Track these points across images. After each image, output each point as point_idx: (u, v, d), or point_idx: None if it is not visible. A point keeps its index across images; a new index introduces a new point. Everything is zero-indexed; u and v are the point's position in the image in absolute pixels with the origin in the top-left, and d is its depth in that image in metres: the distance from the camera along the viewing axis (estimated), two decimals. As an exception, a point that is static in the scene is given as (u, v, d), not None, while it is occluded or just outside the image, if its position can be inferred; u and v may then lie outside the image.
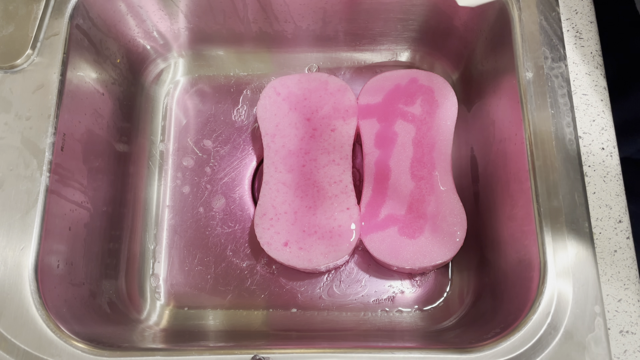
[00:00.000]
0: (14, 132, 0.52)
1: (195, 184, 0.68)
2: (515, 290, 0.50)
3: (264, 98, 0.64)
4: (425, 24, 0.66)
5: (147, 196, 0.67)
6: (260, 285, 0.63)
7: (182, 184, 0.68)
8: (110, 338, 0.52)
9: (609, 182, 0.49)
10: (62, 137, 0.52)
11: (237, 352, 0.46)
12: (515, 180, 0.52)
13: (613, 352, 0.44)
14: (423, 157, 0.60)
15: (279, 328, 0.61)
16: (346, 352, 0.46)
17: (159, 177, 0.68)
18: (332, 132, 0.62)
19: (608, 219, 0.48)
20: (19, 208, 0.49)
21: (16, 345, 0.46)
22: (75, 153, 0.55)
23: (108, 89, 0.62)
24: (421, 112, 0.62)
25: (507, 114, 0.54)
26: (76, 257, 0.54)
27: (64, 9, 0.56)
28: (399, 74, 0.64)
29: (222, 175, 0.68)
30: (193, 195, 0.67)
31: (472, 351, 0.45)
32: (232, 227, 0.66)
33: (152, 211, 0.66)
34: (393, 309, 0.62)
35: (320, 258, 0.57)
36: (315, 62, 0.72)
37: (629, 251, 0.47)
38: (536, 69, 0.52)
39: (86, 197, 0.56)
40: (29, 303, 0.47)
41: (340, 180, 0.60)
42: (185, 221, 0.66)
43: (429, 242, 0.57)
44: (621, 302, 0.46)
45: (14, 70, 0.54)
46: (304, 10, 0.65)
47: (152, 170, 0.68)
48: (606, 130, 0.50)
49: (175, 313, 0.63)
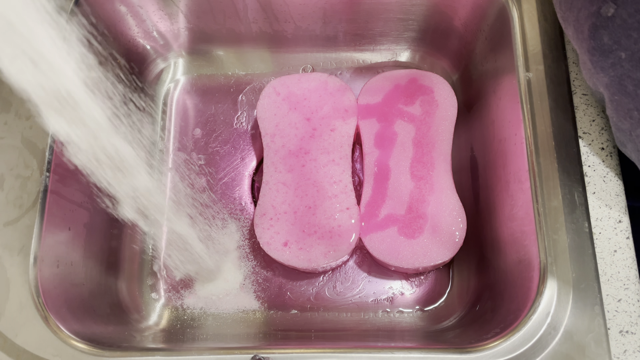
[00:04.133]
0: (14, 132, 0.52)
1: (195, 183, 0.68)
2: (515, 290, 0.50)
3: (264, 98, 0.64)
4: (425, 24, 0.66)
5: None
6: (259, 286, 0.63)
7: (181, 184, 0.68)
8: (110, 338, 0.52)
9: (609, 182, 0.49)
10: (62, 137, 0.52)
11: (237, 352, 0.46)
12: (515, 180, 0.52)
13: (613, 352, 0.44)
14: (423, 157, 0.60)
15: (279, 328, 0.61)
16: (346, 352, 0.46)
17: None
18: (332, 132, 0.62)
19: (608, 219, 0.48)
20: (19, 208, 0.49)
21: (16, 345, 0.46)
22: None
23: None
24: (421, 112, 0.62)
25: (507, 114, 0.54)
26: (76, 257, 0.54)
27: (64, 9, 0.56)
28: (398, 74, 0.64)
29: (222, 175, 0.68)
30: (193, 195, 0.67)
31: (472, 351, 0.45)
32: (231, 227, 0.66)
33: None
34: (393, 309, 0.62)
35: (320, 258, 0.57)
36: (316, 62, 0.72)
37: (629, 251, 0.47)
38: (536, 69, 0.52)
39: (86, 197, 0.56)
40: (29, 303, 0.47)
41: (340, 180, 0.60)
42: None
43: (429, 242, 0.57)
44: (621, 302, 0.46)
45: (13, 70, 0.54)
46: (304, 10, 0.65)
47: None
48: (606, 130, 0.50)
49: (175, 313, 0.63)
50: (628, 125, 0.43)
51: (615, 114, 0.44)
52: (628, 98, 0.41)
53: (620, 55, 0.40)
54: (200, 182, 0.68)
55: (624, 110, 0.43)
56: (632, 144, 0.44)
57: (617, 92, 0.42)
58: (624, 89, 0.41)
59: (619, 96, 0.42)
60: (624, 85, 0.41)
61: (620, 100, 0.42)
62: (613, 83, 0.42)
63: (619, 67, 0.41)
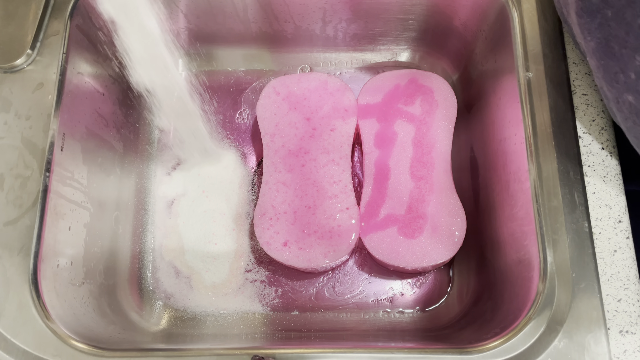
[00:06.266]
0: (13, 132, 0.52)
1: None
2: (515, 290, 0.50)
3: (264, 98, 0.64)
4: (425, 24, 0.66)
5: (147, 195, 0.67)
6: (259, 286, 0.63)
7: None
8: (110, 338, 0.52)
9: (608, 182, 0.49)
10: (62, 137, 0.52)
11: (237, 352, 0.46)
12: (515, 180, 0.52)
13: (613, 352, 0.44)
14: (423, 157, 0.60)
15: (279, 328, 0.61)
16: (346, 352, 0.46)
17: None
18: (332, 132, 0.62)
19: (608, 219, 0.48)
20: (19, 208, 0.49)
21: (16, 345, 0.46)
22: (75, 153, 0.55)
23: (108, 89, 0.62)
24: (421, 112, 0.62)
25: (507, 114, 0.54)
26: (76, 257, 0.54)
27: (64, 9, 0.56)
28: (398, 73, 0.64)
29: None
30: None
31: (472, 351, 0.45)
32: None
33: (152, 211, 0.66)
34: (393, 309, 0.62)
35: (320, 258, 0.57)
36: (316, 62, 0.72)
37: (629, 251, 0.47)
38: (536, 69, 0.52)
39: (86, 197, 0.56)
40: (28, 303, 0.47)
41: (339, 180, 0.60)
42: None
43: (429, 242, 0.57)
44: (621, 302, 0.46)
45: (13, 70, 0.54)
46: (303, 10, 0.65)
47: (152, 170, 0.68)
48: (606, 130, 0.50)
49: (175, 313, 0.63)
50: (615, 92, 0.43)
51: (603, 82, 0.44)
52: (614, 60, 0.41)
53: (607, 14, 0.40)
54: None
55: (610, 75, 0.43)
56: (620, 113, 0.44)
57: (603, 56, 0.42)
58: (610, 51, 0.41)
59: (605, 60, 0.42)
60: (610, 46, 0.41)
61: (607, 64, 0.42)
62: (599, 47, 0.42)
63: (605, 27, 0.41)
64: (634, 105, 0.42)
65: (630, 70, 0.40)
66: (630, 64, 0.40)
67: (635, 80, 0.40)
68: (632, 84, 0.41)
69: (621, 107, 0.43)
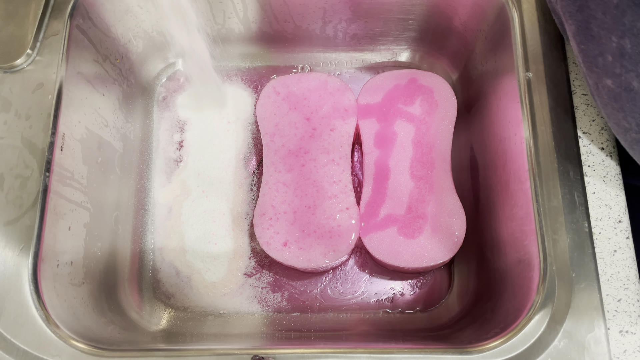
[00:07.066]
0: (13, 131, 0.52)
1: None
2: (515, 290, 0.50)
3: (264, 97, 0.64)
4: (425, 24, 0.66)
5: (147, 195, 0.67)
6: (259, 286, 0.63)
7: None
8: (110, 338, 0.52)
9: (608, 182, 0.49)
10: (61, 137, 0.52)
11: (237, 352, 0.46)
12: (515, 180, 0.52)
13: (613, 352, 0.44)
14: (422, 157, 0.60)
15: (279, 328, 0.61)
16: (346, 352, 0.46)
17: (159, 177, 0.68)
18: (332, 132, 0.62)
19: (608, 219, 0.48)
20: (19, 208, 0.49)
21: (16, 345, 0.46)
22: (75, 153, 0.55)
23: (108, 89, 0.62)
24: (421, 112, 0.62)
25: (507, 114, 0.54)
26: (76, 257, 0.54)
27: (64, 9, 0.56)
28: (398, 73, 0.64)
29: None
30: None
31: (472, 351, 0.45)
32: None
33: (152, 211, 0.66)
34: (393, 309, 0.62)
35: (320, 258, 0.57)
36: (315, 62, 0.72)
37: (629, 251, 0.47)
38: (536, 69, 0.52)
39: (86, 197, 0.56)
40: (28, 303, 0.47)
41: (339, 180, 0.60)
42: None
43: (429, 242, 0.57)
44: (621, 302, 0.46)
45: (13, 70, 0.54)
46: (303, 10, 0.65)
47: (152, 170, 0.68)
48: (606, 130, 0.50)
49: (175, 313, 0.63)
50: (595, 77, 0.43)
51: (584, 68, 0.44)
52: (593, 43, 0.41)
53: None
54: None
55: (590, 59, 0.42)
56: (600, 98, 0.44)
57: (583, 39, 0.42)
58: (590, 33, 0.41)
59: (586, 44, 0.42)
60: (589, 29, 0.41)
61: (587, 48, 0.42)
62: (580, 30, 0.42)
63: (585, 8, 0.41)
64: (612, 89, 0.41)
65: (608, 52, 0.40)
66: (608, 46, 0.39)
67: (612, 63, 0.40)
68: (609, 66, 0.40)
69: (601, 93, 0.43)
